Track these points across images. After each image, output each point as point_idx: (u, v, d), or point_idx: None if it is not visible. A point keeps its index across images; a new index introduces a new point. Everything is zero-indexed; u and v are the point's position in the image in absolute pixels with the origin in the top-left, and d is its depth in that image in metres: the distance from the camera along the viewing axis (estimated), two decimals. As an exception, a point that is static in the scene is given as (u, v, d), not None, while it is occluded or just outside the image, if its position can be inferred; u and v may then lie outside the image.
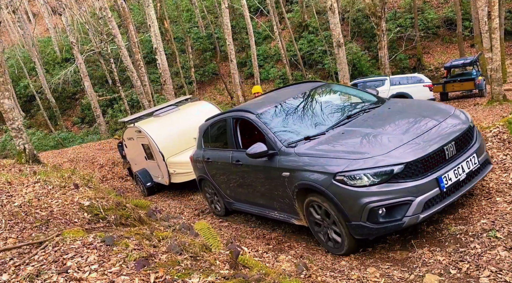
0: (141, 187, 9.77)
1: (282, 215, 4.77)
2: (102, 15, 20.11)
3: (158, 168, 8.73)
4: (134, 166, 10.27)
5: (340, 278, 3.65)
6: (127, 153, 10.42)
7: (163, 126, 8.75)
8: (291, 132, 4.48)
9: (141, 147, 9.04)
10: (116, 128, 24.10)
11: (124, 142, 10.17)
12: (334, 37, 11.08)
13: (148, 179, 9.38)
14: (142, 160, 9.40)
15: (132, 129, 9.24)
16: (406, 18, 23.66)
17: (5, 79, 9.23)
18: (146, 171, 9.47)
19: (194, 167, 6.59)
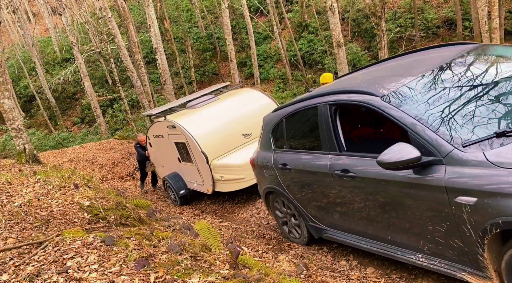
0: (171, 194, 8.41)
1: (436, 263, 2.88)
2: (102, 15, 20.11)
3: (197, 173, 7.29)
4: (160, 169, 8.92)
5: (340, 278, 3.65)
6: (152, 153, 9.07)
7: (203, 120, 7.24)
8: (461, 125, 2.64)
9: (173, 146, 7.62)
10: (116, 128, 24.10)
11: (148, 140, 8.82)
12: (334, 37, 11.07)
13: (181, 185, 7.91)
14: (173, 162, 7.96)
15: (161, 124, 7.71)
16: (406, 18, 23.66)
17: (5, 79, 9.23)
18: (178, 175, 8.05)
19: (258, 174, 4.91)
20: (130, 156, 11.93)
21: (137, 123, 22.12)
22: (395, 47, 23.16)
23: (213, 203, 7.55)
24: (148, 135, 8.67)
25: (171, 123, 7.19)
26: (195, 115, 7.41)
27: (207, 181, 7.06)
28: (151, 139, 8.63)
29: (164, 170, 8.64)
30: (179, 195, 7.89)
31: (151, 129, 8.39)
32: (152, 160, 9.19)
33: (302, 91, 22.74)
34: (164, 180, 8.44)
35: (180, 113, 7.63)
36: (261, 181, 4.87)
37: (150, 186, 10.20)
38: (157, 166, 9.05)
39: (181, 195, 7.88)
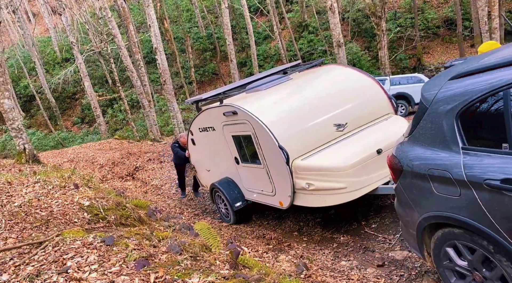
0: (222, 208, 6.38)
1: None
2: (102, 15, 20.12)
3: (265, 178, 5.23)
4: (204, 173, 6.94)
5: (340, 278, 3.65)
6: (194, 153, 7.12)
7: (276, 106, 5.26)
8: None
9: (230, 142, 5.64)
10: (116, 128, 24.10)
11: (191, 136, 6.84)
12: (334, 37, 11.07)
13: (236, 195, 5.92)
14: (225, 163, 6.06)
15: (214, 112, 5.76)
16: (406, 18, 23.66)
17: (5, 79, 9.23)
18: (232, 182, 6.09)
19: (408, 188, 2.82)
20: (130, 155, 11.93)
21: (137, 123, 22.13)
22: (395, 47, 23.16)
23: (213, 203, 7.54)
24: (191, 130, 6.68)
25: (232, 109, 5.20)
26: (264, 99, 5.38)
27: (283, 189, 4.94)
28: (195, 135, 6.64)
29: (210, 174, 6.64)
30: (234, 208, 5.84)
31: (196, 121, 6.41)
32: (193, 162, 7.18)
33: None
34: (212, 188, 6.34)
35: (242, 97, 5.65)
36: (419, 202, 2.72)
37: (187, 192, 8.70)
38: (200, 169, 7.04)
39: (236, 208, 5.83)
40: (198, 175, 7.26)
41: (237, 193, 5.97)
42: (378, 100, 5.39)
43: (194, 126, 6.65)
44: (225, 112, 5.38)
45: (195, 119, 6.51)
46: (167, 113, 21.23)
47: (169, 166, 10.73)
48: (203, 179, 7.16)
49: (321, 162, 4.58)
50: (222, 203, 6.33)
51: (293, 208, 5.15)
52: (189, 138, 6.98)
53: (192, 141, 6.91)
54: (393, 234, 4.47)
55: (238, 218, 6.08)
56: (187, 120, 21.86)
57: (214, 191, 6.41)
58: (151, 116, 16.82)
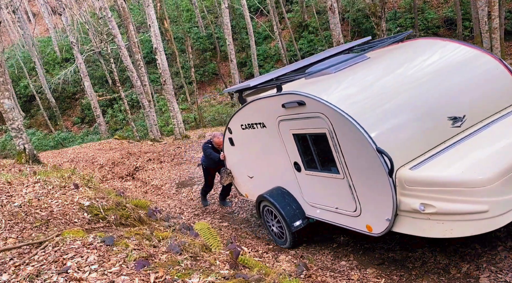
0: (274, 226, 5.02)
1: None
2: (102, 15, 20.11)
3: (346, 191, 3.86)
4: (244, 180, 5.76)
5: (340, 278, 3.65)
6: (231, 155, 5.91)
7: (360, 94, 3.91)
8: None
9: (288, 142, 4.39)
10: (116, 128, 24.11)
11: (228, 135, 5.64)
12: (334, 37, 11.07)
13: (295, 211, 4.65)
14: (278, 169, 4.82)
15: (267, 104, 4.55)
16: (406, 18, 23.66)
17: (5, 79, 9.23)
18: (287, 193, 4.81)
19: None
20: (130, 155, 11.93)
21: (137, 123, 22.13)
22: (395, 47, 23.15)
23: (213, 203, 7.54)
24: (230, 127, 5.49)
25: (297, 98, 3.91)
26: (340, 85, 4.13)
27: (377, 209, 3.58)
28: (235, 133, 5.43)
29: (253, 182, 5.48)
30: (293, 228, 4.57)
31: (238, 116, 5.18)
32: (229, 165, 6.02)
33: (302, 91, 22.72)
34: (260, 201, 5.07)
35: (306, 83, 4.36)
36: None
37: (211, 200, 7.63)
38: (238, 175, 5.90)
39: (295, 228, 4.57)
40: (236, 182, 6.02)
41: (295, 208, 4.64)
42: (504, 85, 4.03)
43: (234, 122, 5.36)
44: (285, 103, 4.07)
45: (236, 113, 5.23)
46: (167, 113, 21.23)
47: (169, 166, 10.73)
48: (242, 187, 5.92)
49: (445, 173, 3.20)
50: (274, 220, 4.91)
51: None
52: (226, 137, 5.73)
53: (230, 141, 5.65)
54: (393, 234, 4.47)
55: (296, 240, 4.71)
56: (187, 120, 21.89)
57: (263, 204, 5.03)
58: (151, 116, 16.82)
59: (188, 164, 10.48)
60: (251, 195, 5.62)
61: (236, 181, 6.05)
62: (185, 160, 10.95)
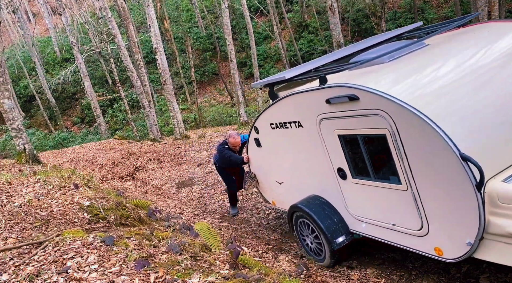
0: (312, 241, 4.30)
1: None
2: (102, 15, 20.12)
3: (408, 205, 3.21)
4: (272, 186, 5.13)
5: (340, 278, 3.66)
6: (257, 156, 5.26)
7: (427, 87, 3.18)
8: None
9: (328, 145, 3.79)
10: (116, 128, 24.12)
11: (254, 134, 5.01)
12: (334, 37, 11.07)
13: (337, 225, 4.00)
14: (315, 175, 4.23)
15: (306, 99, 3.90)
16: (406, 18, 23.65)
17: (5, 79, 9.24)
18: (327, 204, 4.15)
19: None
20: (130, 155, 11.93)
21: (137, 123, 22.14)
22: (395, 47, 23.15)
23: (213, 203, 7.54)
24: (256, 126, 4.90)
25: (348, 92, 3.26)
26: (399, 76, 3.42)
27: (454, 230, 2.93)
28: (263, 133, 4.84)
29: (283, 189, 4.87)
30: (334, 245, 3.87)
31: (268, 114, 4.57)
32: (254, 169, 5.41)
33: (302, 91, 22.74)
34: (293, 212, 4.40)
35: (354, 74, 3.65)
36: None
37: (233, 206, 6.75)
38: (263, 179, 5.29)
39: (338, 245, 3.87)
40: (261, 187, 5.43)
41: (337, 221, 3.97)
42: None
43: (262, 121, 4.73)
44: (331, 98, 3.43)
45: (265, 111, 4.62)
46: (167, 113, 21.24)
47: (169, 166, 10.73)
48: (268, 193, 5.31)
49: None
50: (311, 235, 4.21)
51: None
52: (251, 137, 5.12)
53: (256, 141, 5.02)
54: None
55: (337, 258, 4.07)
56: (187, 120, 21.90)
57: (297, 215, 4.37)
58: (151, 116, 16.83)
59: (188, 164, 10.49)
60: (279, 202, 5.05)
61: (261, 186, 5.40)
62: (185, 160, 10.95)
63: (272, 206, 5.36)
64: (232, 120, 20.34)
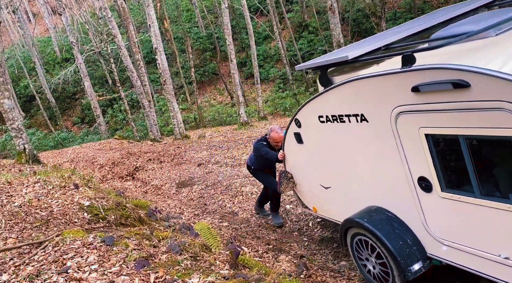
0: (374, 265, 3.44)
1: None
2: (102, 15, 20.13)
3: None
4: (313, 189, 4.36)
5: (340, 278, 3.66)
6: (296, 154, 4.48)
7: None
8: None
9: (406, 147, 2.96)
10: (116, 128, 24.12)
11: (294, 128, 4.24)
12: (334, 37, 11.07)
13: (411, 248, 3.12)
14: (380, 182, 3.39)
15: (379, 85, 2.98)
16: (406, 18, 23.65)
17: (5, 79, 9.24)
18: (396, 220, 3.28)
19: None
20: (130, 155, 11.93)
21: (137, 123, 22.14)
22: (395, 47, 23.17)
23: (213, 203, 7.54)
24: (298, 119, 4.08)
25: (454, 76, 2.40)
26: None
27: None
28: (306, 127, 4.04)
29: (330, 195, 4.09)
30: (409, 274, 3.07)
31: (316, 104, 3.74)
32: (290, 168, 4.69)
33: (302, 91, 22.78)
34: (348, 228, 3.59)
35: (447, 52, 2.76)
36: None
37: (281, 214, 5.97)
38: (303, 181, 4.56)
39: (413, 275, 3.07)
40: (298, 190, 4.70)
41: (411, 243, 3.13)
42: None
43: (307, 113, 3.90)
44: (422, 84, 2.59)
45: (312, 101, 3.76)
46: (167, 113, 21.24)
47: (169, 166, 10.73)
48: (307, 197, 4.53)
49: None
50: (373, 256, 3.36)
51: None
52: (290, 132, 4.34)
53: (296, 136, 4.25)
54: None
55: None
56: (187, 120, 21.91)
57: (353, 232, 3.53)
58: (151, 116, 16.83)
59: (188, 164, 10.49)
60: (323, 210, 4.28)
61: (299, 189, 4.63)
62: (185, 160, 10.96)
63: (313, 212, 4.56)
64: (232, 120, 20.36)
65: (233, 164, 9.32)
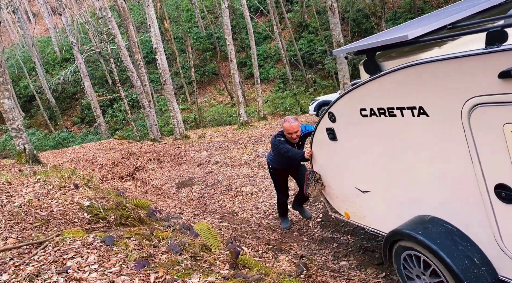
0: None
1: None
2: (102, 15, 20.13)
3: None
4: (348, 194, 3.80)
5: (340, 278, 3.66)
6: (326, 153, 3.95)
7: None
8: None
9: (477, 148, 2.42)
10: (116, 128, 24.13)
11: (327, 123, 3.63)
12: (334, 37, 11.07)
13: (479, 269, 2.54)
14: (439, 189, 2.79)
15: (447, 70, 2.39)
16: (406, 18, 23.66)
17: (5, 79, 9.24)
18: (461, 235, 2.70)
19: None
20: (130, 156, 11.94)
21: (137, 123, 22.15)
22: (395, 47, 23.18)
23: (213, 203, 7.55)
24: (332, 112, 3.55)
25: None
26: None
27: None
28: (342, 122, 3.51)
29: (367, 200, 3.57)
30: None
31: (358, 95, 3.20)
32: (318, 168, 4.14)
33: (302, 91, 22.78)
34: (395, 240, 3.05)
35: None
36: None
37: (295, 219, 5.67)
38: (333, 183, 4.01)
39: None
40: (327, 192, 4.12)
41: (479, 263, 2.62)
42: None
43: (346, 105, 3.33)
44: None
45: (354, 91, 3.18)
46: (167, 113, 21.26)
47: (169, 166, 10.74)
48: (338, 201, 3.98)
49: None
50: (426, 276, 2.87)
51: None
52: (321, 127, 3.76)
53: (329, 132, 3.68)
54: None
55: None
56: (187, 120, 21.92)
57: (403, 246, 3.00)
58: (151, 116, 16.84)
59: (188, 164, 10.50)
60: (358, 216, 3.72)
61: (328, 192, 4.09)
62: (185, 160, 10.96)
63: (344, 218, 3.98)
64: (232, 121, 20.36)
65: (233, 164, 9.32)
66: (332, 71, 22.42)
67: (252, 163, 8.94)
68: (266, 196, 6.75)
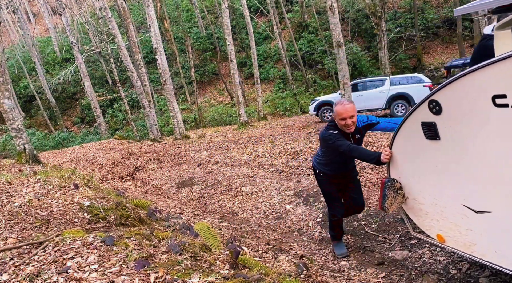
0: None
1: None
2: (102, 15, 20.13)
3: None
4: (450, 213, 2.69)
5: (340, 278, 3.66)
6: (416, 155, 2.80)
7: None
8: None
9: None
10: (116, 128, 24.13)
11: (426, 116, 2.55)
12: (334, 37, 11.07)
13: None
14: None
15: None
16: (406, 18, 23.66)
17: (5, 79, 9.24)
18: None
19: None
20: (130, 155, 11.94)
21: (137, 123, 22.15)
22: (395, 47, 23.18)
23: (213, 203, 7.55)
24: (437, 100, 2.42)
25: None
26: None
27: None
28: (454, 113, 2.37)
29: (486, 223, 2.45)
30: None
31: (498, 73, 1.97)
32: (398, 175, 3.09)
33: (302, 91, 22.77)
34: None
35: None
36: None
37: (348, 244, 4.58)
38: (422, 196, 2.92)
39: None
40: (411, 207, 3.09)
41: None
42: None
43: (465, 91, 2.27)
44: None
45: (479, 71, 2.12)
46: (167, 113, 21.26)
47: (169, 166, 10.73)
48: (429, 220, 2.93)
49: None
50: None
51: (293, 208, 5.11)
52: (413, 120, 2.73)
53: (425, 128, 2.66)
54: (393, 234, 4.47)
55: None
56: (187, 120, 21.92)
57: None
58: (151, 116, 16.84)
59: (188, 164, 10.49)
60: (463, 244, 2.70)
61: (411, 206, 3.09)
62: (185, 160, 10.96)
63: (436, 242, 2.94)
64: (232, 121, 20.37)
65: (233, 164, 9.32)
66: (332, 71, 22.43)
67: (252, 163, 8.95)
68: (266, 196, 6.75)
